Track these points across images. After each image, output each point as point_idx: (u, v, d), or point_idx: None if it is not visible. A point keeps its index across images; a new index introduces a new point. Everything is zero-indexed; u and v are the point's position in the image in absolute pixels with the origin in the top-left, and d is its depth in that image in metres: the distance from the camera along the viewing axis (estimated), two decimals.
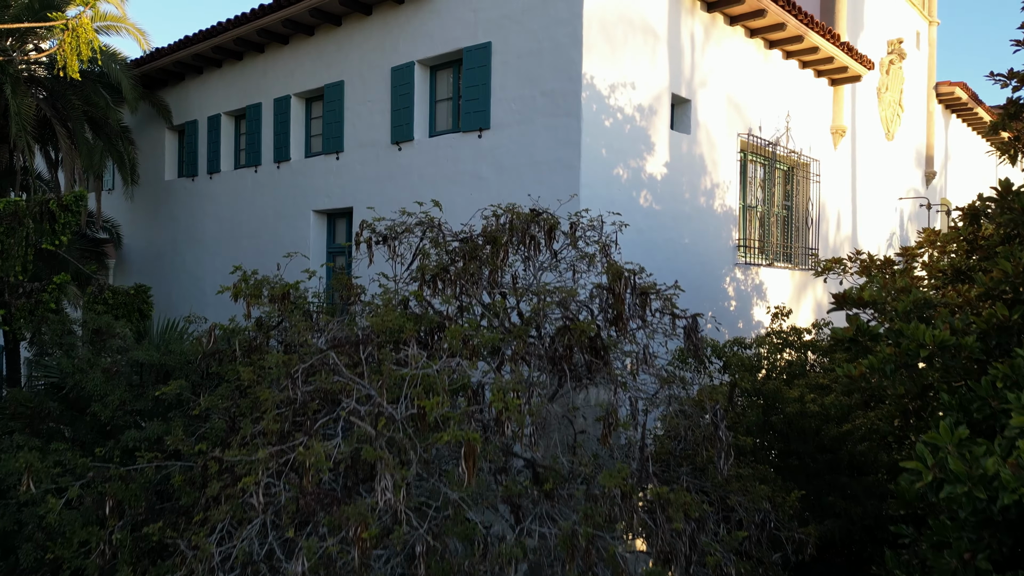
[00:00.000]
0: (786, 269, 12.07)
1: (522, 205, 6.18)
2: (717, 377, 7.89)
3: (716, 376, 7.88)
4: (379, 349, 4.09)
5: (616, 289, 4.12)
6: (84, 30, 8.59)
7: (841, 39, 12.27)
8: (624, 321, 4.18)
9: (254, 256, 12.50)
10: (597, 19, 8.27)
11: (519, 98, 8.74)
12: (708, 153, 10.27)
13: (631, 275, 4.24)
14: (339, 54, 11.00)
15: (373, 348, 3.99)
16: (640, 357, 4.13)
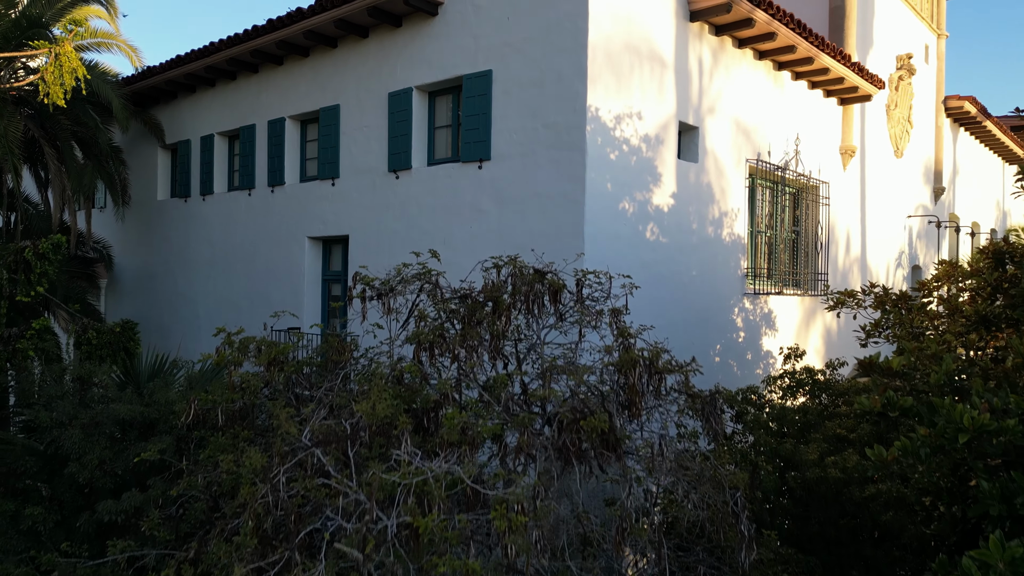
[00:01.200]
0: (795, 296, 11.72)
1: (525, 259, 5.84)
2: (730, 425, 7.54)
3: (729, 424, 7.54)
4: (370, 440, 3.74)
5: (630, 380, 3.78)
6: (68, 58, 8.25)
7: (851, 59, 11.93)
8: (638, 408, 3.84)
9: (247, 282, 12.17)
10: (602, 49, 7.92)
11: (521, 129, 8.39)
12: (716, 181, 9.93)
13: (646, 361, 3.89)
14: (335, 77, 10.65)
15: (362, 444, 3.64)
16: (656, 450, 3.79)
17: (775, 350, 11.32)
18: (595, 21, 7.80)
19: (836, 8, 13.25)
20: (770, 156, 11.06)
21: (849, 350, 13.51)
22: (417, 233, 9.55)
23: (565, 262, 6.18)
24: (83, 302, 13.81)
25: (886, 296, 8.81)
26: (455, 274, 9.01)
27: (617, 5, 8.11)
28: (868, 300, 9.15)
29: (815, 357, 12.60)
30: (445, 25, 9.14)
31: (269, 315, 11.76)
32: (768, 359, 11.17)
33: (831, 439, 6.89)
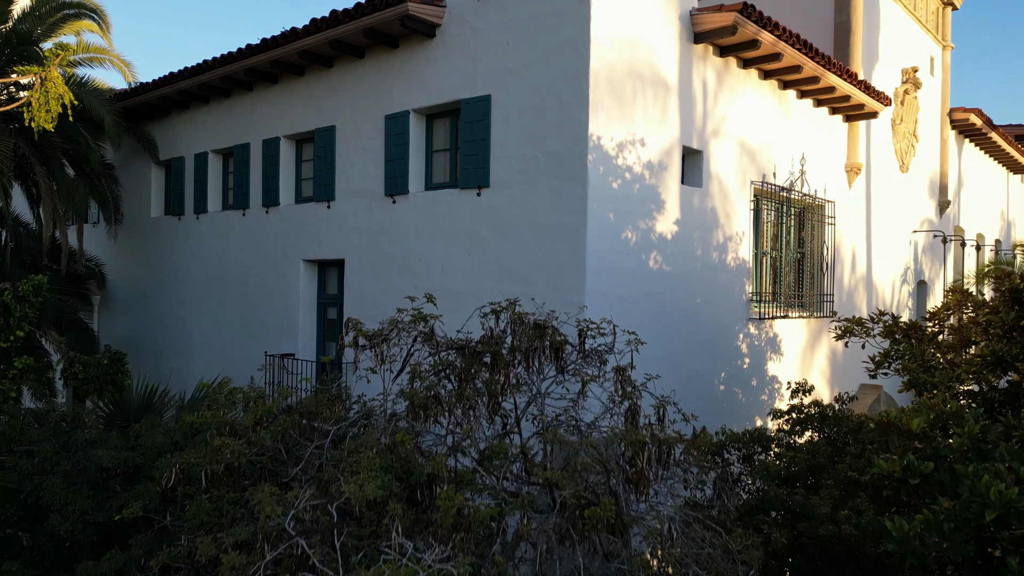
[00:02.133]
0: (801, 319, 11.48)
1: (525, 302, 5.60)
2: (736, 467, 7.30)
3: (735, 465, 7.30)
4: (360, 515, 3.51)
5: (638, 464, 3.55)
6: (54, 84, 8.02)
7: (858, 77, 11.69)
8: (646, 487, 3.61)
9: (241, 303, 11.94)
10: (604, 76, 7.68)
11: (521, 157, 8.15)
12: (721, 205, 9.69)
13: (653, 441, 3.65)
14: (330, 97, 10.41)
15: (352, 518, 3.41)
16: (666, 533, 3.55)
17: (780, 375, 11.09)
18: (597, 47, 7.56)
19: (841, 24, 13.02)
20: (775, 177, 10.82)
21: (855, 371, 13.28)
22: (414, 260, 9.32)
23: (567, 315, 5.89)
24: (75, 322, 13.57)
25: (895, 325, 8.58)
26: (452, 301, 8.78)
27: (619, 30, 7.88)
28: (877, 328, 8.94)
29: (820, 380, 12.37)
30: (443, 48, 8.91)
31: (264, 338, 11.57)
32: (774, 384, 10.93)
33: (842, 483, 6.64)
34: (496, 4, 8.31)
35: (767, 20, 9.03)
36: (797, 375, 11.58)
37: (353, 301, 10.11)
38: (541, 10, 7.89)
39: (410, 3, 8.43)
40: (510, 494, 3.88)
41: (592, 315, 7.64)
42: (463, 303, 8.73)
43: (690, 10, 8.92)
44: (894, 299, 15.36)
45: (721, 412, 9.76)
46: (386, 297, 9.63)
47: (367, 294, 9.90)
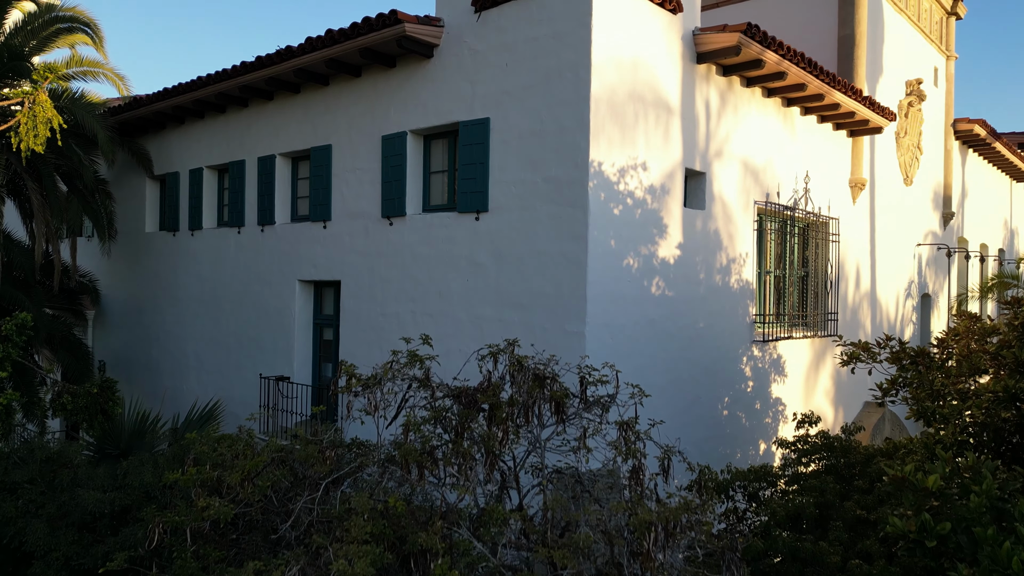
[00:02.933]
0: (805, 339, 11.29)
1: (525, 348, 5.42)
2: (742, 503, 7.12)
3: (741, 502, 7.12)
4: None
5: (645, 544, 3.37)
6: (42, 108, 7.83)
7: (862, 93, 11.51)
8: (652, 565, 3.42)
9: (237, 322, 11.75)
10: (605, 101, 7.50)
11: (520, 182, 7.96)
12: (724, 227, 9.50)
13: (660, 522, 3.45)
14: (326, 116, 10.23)
15: None
16: None
17: (784, 397, 10.91)
18: (598, 72, 7.38)
19: (845, 37, 12.84)
20: (779, 196, 10.64)
21: (859, 389, 13.11)
22: (411, 283, 9.13)
23: (568, 365, 5.67)
24: (68, 339, 13.39)
25: (903, 351, 8.41)
26: (450, 327, 8.61)
27: (621, 53, 7.69)
28: (883, 354, 8.77)
29: (824, 399, 12.19)
30: (441, 68, 8.72)
31: (259, 358, 11.38)
32: (778, 406, 10.75)
33: (851, 523, 6.46)
34: (495, 25, 8.13)
35: (771, 40, 8.85)
36: (801, 396, 11.40)
37: (349, 323, 9.93)
38: (540, 32, 7.71)
39: (407, 24, 8.24)
40: (507, 567, 3.69)
41: (593, 345, 7.47)
42: (461, 329, 8.57)
43: (693, 30, 8.74)
44: (898, 314, 15.18)
45: (724, 438, 9.58)
46: (383, 321, 9.45)
47: (363, 317, 9.71)
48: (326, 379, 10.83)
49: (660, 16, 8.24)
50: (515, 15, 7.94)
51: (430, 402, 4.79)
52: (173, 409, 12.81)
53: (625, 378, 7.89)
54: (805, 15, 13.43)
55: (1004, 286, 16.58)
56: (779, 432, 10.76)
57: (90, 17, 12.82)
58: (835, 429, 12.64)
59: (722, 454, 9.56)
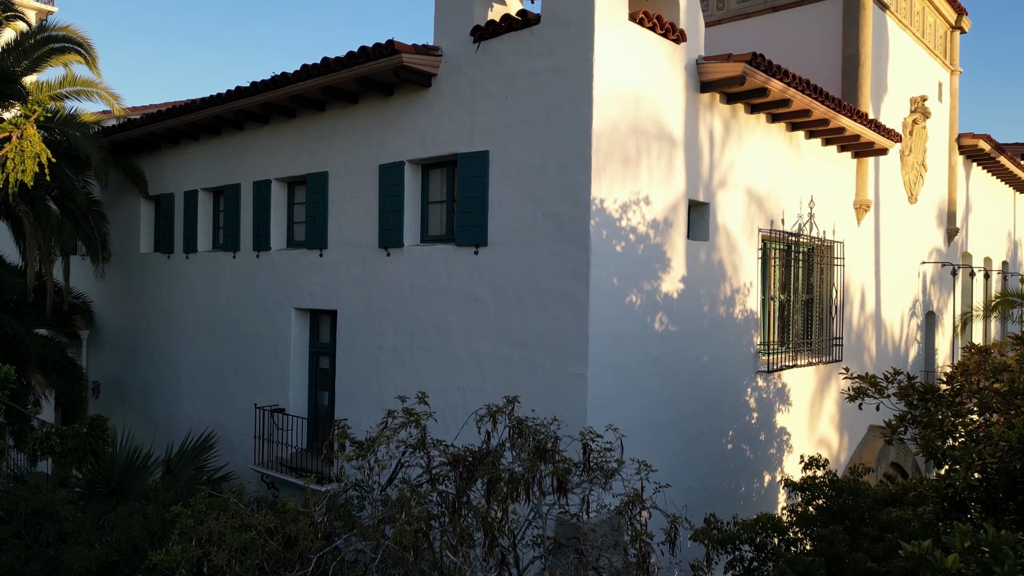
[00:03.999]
0: (810, 366, 11.10)
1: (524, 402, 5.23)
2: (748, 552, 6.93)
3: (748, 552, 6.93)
4: None
5: None
6: (30, 143, 7.66)
7: (868, 116, 11.33)
8: None
9: (232, 349, 11.56)
10: (607, 137, 7.31)
11: (520, 217, 7.77)
12: (728, 257, 9.32)
13: None
14: (323, 142, 10.04)
15: None
16: None
17: (789, 426, 10.73)
18: (599, 107, 7.19)
19: (849, 57, 12.66)
20: (784, 223, 10.46)
21: (865, 413, 12.91)
22: (408, 316, 8.94)
23: (571, 439, 5.43)
24: (61, 363, 13.18)
25: (911, 387, 8.21)
26: (448, 364, 8.41)
27: (623, 86, 7.51)
28: (891, 388, 8.59)
29: (829, 425, 12.01)
30: (439, 98, 8.53)
31: (254, 385, 11.18)
32: (782, 436, 10.57)
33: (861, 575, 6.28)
34: (494, 57, 7.94)
35: (776, 68, 8.67)
36: (806, 424, 11.22)
37: (346, 354, 9.74)
38: (541, 66, 7.52)
39: (404, 54, 8.06)
40: None
41: (595, 387, 7.28)
42: (459, 365, 8.38)
43: (696, 59, 8.56)
44: (903, 334, 15.00)
45: (729, 472, 9.39)
46: (380, 353, 9.26)
47: (360, 348, 9.52)
48: (322, 408, 10.64)
49: (663, 46, 8.06)
50: (515, 47, 7.75)
51: (427, 467, 4.60)
52: (167, 434, 12.64)
53: (628, 417, 7.72)
54: (809, 33, 13.25)
55: (1008, 304, 16.40)
56: (784, 463, 10.57)
57: (83, 37, 12.63)
58: (841, 455, 12.47)
59: (726, 489, 9.38)
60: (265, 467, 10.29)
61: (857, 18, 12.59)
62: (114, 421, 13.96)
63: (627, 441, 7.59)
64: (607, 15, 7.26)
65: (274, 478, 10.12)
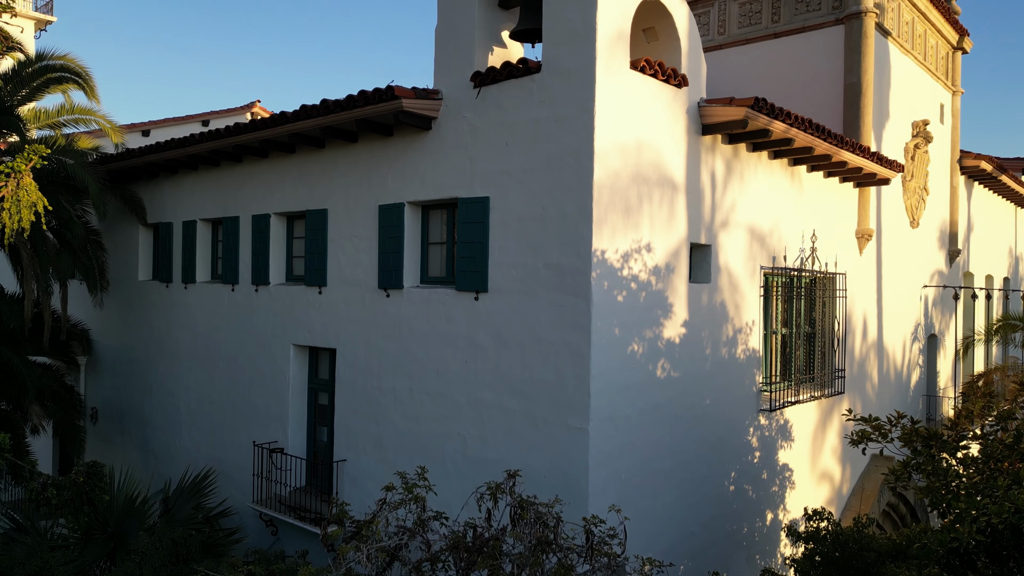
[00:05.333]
0: (812, 400, 11.03)
1: (527, 492, 5.16)
2: None
3: None
4: None
5: None
6: (27, 191, 7.58)
7: (870, 149, 11.27)
8: None
9: (230, 382, 11.49)
10: (608, 188, 7.24)
11: (520, 265, 7.70)
12: (730, 298, 9.25)
13: None
14: (322, 178, 9.97)
15: None
16: None
17: (792, 462, 10.66)
18: (601, 158, 7.12)
19: (851, 85, 12.59)
20: (786, 259, 10.39)
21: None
22: (408, 358, 8.87)
23: (574, 526, 5.25)
24: (59, 393, 13.11)
25: (914, 432, 8.17)
26: (448, 410, 8.33)
27: (625, 135, 7.44)
28: (895, 432, 8.53)
29: (832, 457, 11.94)
30: (439, 141, 8.46)
31: (252, 420, 11.11)
32: (785, 473, 10.50)
33: None
34: (495, 103, 7.87)
35: (779, 111, 8.61)
36: (808, 458, 11.15)
37: (345, 394, 9.67)
38: (542, 115, 7.45)
39: (404, 99, 7.99)
40: None
41: (597, 441, 7.21)
42: (459, 412, 8.32)
43: (698, 101, 8.49)
44: (905, 359, 14.93)
45: (731, 514, 9.33)
46: (379, 395, 9.19)
47: (359, 389, 9.45)
48: (321, 444, 10.56)
49: (665, 91, 8.00)
50: (515, 94, 7.69)
51: (427, 552, 4.53)
52: (166, 464, 12.59)
53: (630, 468, 7.65)
54: (810, 59, 13.18)
55: (1010, 328, 16.33)
56: (786, 500, 10.50)
57: (81, 65, 12.57)
58: (843, 486, 12.40)
59: (729, 531, 9.31)
60: (264, 505, 10.21)
61: (859, 46, 12.53)
62: (112, 449, 13.91)
63: (629, 494, 7.54)
64: (608, 65, 7.19)
65: (273, 517, 10.05)
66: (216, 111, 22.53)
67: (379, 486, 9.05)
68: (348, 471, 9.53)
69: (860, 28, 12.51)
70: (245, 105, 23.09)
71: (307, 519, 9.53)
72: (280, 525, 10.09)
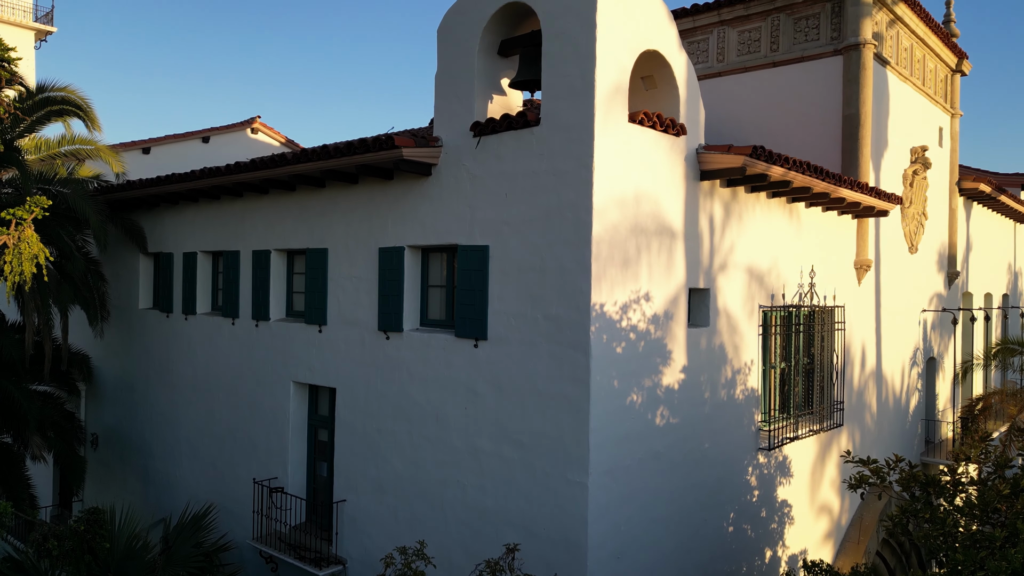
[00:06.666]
0: (811, 435, 11.05)
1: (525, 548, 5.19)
2: None
3: None
4: None
5: None
6: (28, 244, 7.63)
7: (868, 185, 11.31)
8: None
9: (230, 416, 11.53)
10: (607, 241, 7.27)
11: (520, 315, 7.73)
12: (729, 339, 9.28)
13: None
14: (322, 218, 10.01)
15: None
16: None
17: (791, 497, 10.69)
18: (599, 213, 7.15)
19: (850, 116, 12.62)
20: (784, 297, 10.42)
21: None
22: (407, 402, 8.90)
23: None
24: (60, 424, 13.15)
25: (912, 478, 8.20)
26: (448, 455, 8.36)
27: (624, 188, 7.47)
28: (893, 475, 8.59)
29: (830, 489, 11.96)
30: (439, 187, 8.50)
31: (252, 456, 11.14)
32: (784, 508, 10.53)
33: None
34: (494, 153, 7.91)
35: (777, 156, 8.64)
36: (807, 492, 11.18)
37: (344, 433, 9.70)
38: (540, 167, 7.48)
39: (404, 148, 8.03)
40: None
41: (596, 495, 7.24)
42: (458, 459, 8.35)
43: (696, 148, 8.53)
44: (903, 385, 14.97)
45: (730, 554, 9.35)
46: (379, 437, 9.22)
47: (358, 430, 9.48)
48: (321, 479, 10.59)
49: (663, 140, 8.03)
50: (515, 145, 7.72)
51: None
52: (167, 494, 12.63)
53: (630, 519, 7.68)
54: (809, 89, 13.20)
55: (1009, 352, 16.36)
56: (785, 536, 10.53)
57: (82, 97, 12.62)
58: (842, 518, 12.42)
59: (727, 572, 9.33)
60: (264, 543, 10.23)
61: (857, 78, 12.56)
62: (112, 476, 13.95)
63: (628, 545, 7.57)
64: (606, 119, 7.22)
65: (273, 555, 10.08)
66: (216, 127, 22.57)
67: (379, 529, 9.12)
68: (348, 511, 9.56)
69: (858, 60, 12.54)
70: (245, 121, 23.16)
71: (307, 559, 9.56)
72: (280, 563, 10.12)
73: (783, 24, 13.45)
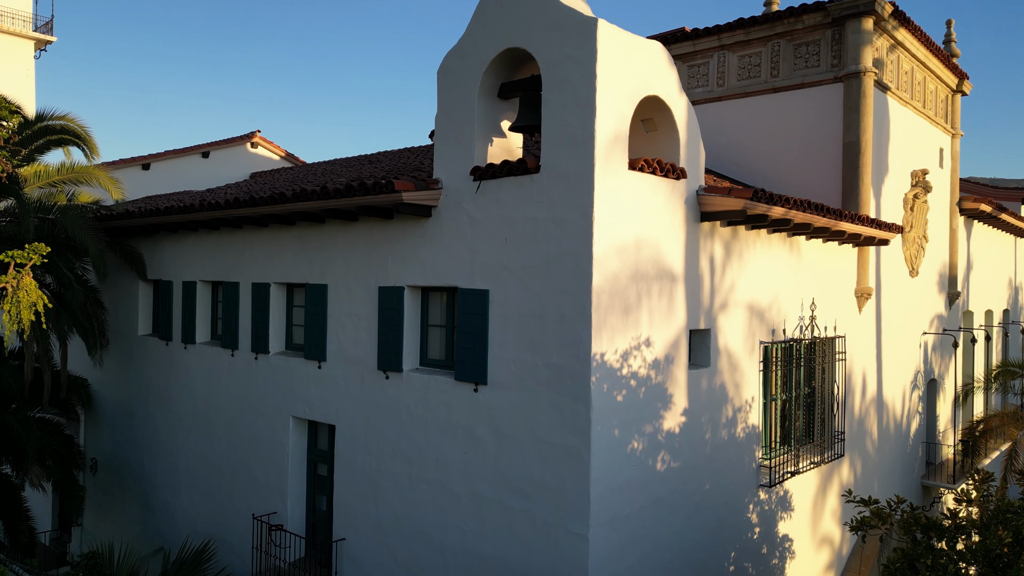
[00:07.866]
0: (811, 468, 11.02)
1: None
2: None
3: None
4: None
5: None
6: (27, 292, 7.60)
7: (868, 217, 11.29)
8: None
9: (230, 448, 11.50)
10: (608, 290, 7.24)
11: (520, 361, 7.70)
12: (730, 378, 9.26)
13: None
14: (322, 253, 9.98)
15: None
16: None
17: (792, 532, 10.66)
18: (599, 262, 7.12)
19: (850, 144, 12.60)
20: (785, 331, 10.39)
21: None
22: (407, 443, 8.87)
23: None
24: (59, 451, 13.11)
25: (914, 520, 8.17)
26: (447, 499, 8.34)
27: (623, 235, 7.44)
28: (895, 516, 8.55)
29: (831, 520, 11.93)
30: (439, 229, 8.47)
31: (252, 489, 11.11)
32: (785, 543, 10.50)
33: None
34: (494, 198, 7.88)
35: (777, 198, 8.61)
36: (808, 525, 11.15)
37: (344, 471, 9.66)
38: (540, 215, 7.46)
39: (404, 192, 8.00)
40: None
41: (597, 546, 7.21)
42: (458, 504, 8.32)
43: (697, 190, 8.50)
44: (904, 408, 14.93)
45: None
46: (378, 477, 9.19)
47: (358, 469, 9.45)
48: (320, 513, 10.57)
49: (663, 185, 8.00)
50: (515, 191, 7.69)
51: None
52: (167, 524, 12.60)
53: (631, 567, 7.64)
54: (810, 115, 13.17)
55: (1009, 375, 16.33)
56: (786, 570, 10.50)
57: (80, 125, 12.62)
58: (843, 547, 12.39)
59: None
60: None
61: (858, 106, 12.53)
62: (111, 502, 13.93)
63: None
64: (606, 168, 7.19)
65: None
66: (216, 141, 22.54)
67: (379, 570, 9.09)
68: (347, 550, 9.53)
69: (859, 88, 12.51)
70: (245, 135, 23.13)
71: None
72: None
73: (783, 50, 13.42)
